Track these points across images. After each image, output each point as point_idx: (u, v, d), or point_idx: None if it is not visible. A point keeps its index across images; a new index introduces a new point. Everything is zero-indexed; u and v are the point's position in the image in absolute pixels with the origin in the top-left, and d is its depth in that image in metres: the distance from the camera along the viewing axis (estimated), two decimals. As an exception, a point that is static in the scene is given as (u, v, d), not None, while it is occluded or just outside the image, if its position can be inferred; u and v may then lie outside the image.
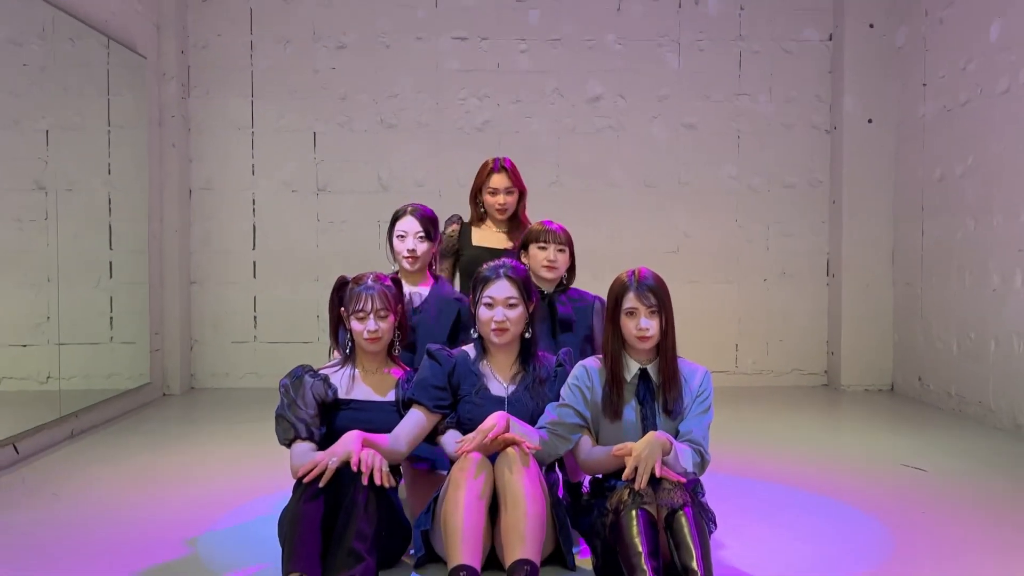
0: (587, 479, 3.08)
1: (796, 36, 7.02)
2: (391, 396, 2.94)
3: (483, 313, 2.89)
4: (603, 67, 7.01)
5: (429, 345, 3.00)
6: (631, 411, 2.77)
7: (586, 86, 7.00)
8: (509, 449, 2.63)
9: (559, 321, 3.39)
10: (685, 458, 2.69)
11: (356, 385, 2.94)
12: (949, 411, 5.94)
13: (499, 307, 2.86)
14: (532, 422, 2.84)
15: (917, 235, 6.47)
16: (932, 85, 6.26)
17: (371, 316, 2.87)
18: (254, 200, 6.94)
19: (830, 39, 6.99)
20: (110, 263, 5.97)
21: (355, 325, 2.89)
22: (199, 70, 6.91)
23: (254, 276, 6.96)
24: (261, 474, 4.24)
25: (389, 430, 2.86)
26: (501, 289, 2.88)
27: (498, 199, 3.86)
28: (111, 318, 5.93)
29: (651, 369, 2.81)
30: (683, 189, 7.05)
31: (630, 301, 2.77)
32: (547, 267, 3.38)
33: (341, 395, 2.89)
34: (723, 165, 7.05)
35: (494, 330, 2.86)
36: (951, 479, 4.14)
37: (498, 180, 3.87)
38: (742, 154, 7.05)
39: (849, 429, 5.59)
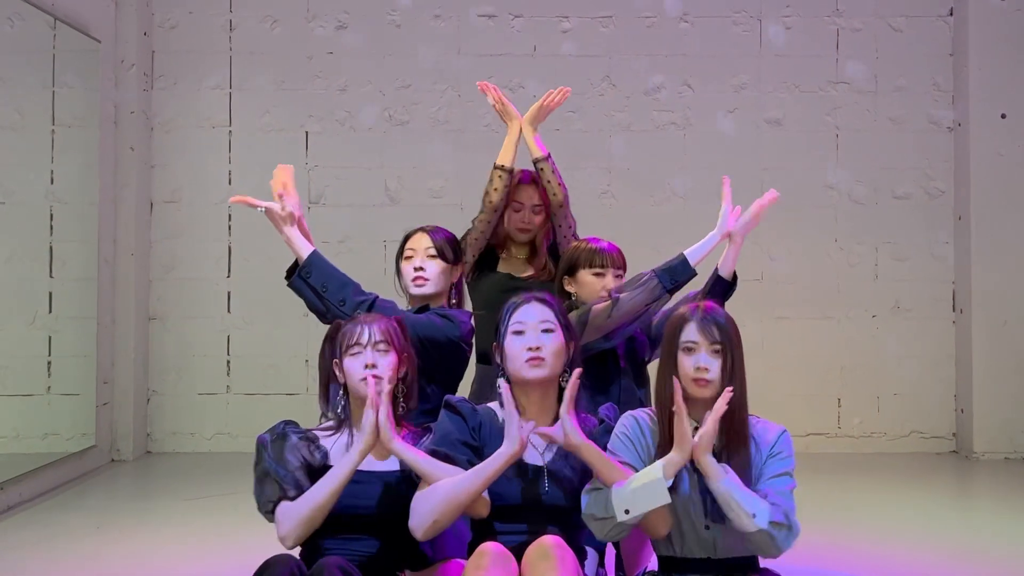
0: (647, 567, 2.96)
1: (908, 11, 7.03)
2: (390, 463, 2.82)
3: (512, 345, 2.82)
4: (665, 50, 7.01)
5: (448, 397, 2.94)
6: (686, 482, 2.69)
7: (644, 73, 7.00)
8: (542, 539, 2.54)
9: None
10: (754, 503, 2.58)
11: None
12: (1118, 486, 5.89)
13: (531, 332, 2.81)
14: (573, 497, 2.75)
15: (1070, 259, 6.43)
16: (1085, 69, 6.26)
17: (368, 349, 2.79)
18: (230, 216, 6.94)
19: (951, 14, 6.99)
20: (50, 294, 5.94)
21: (349, 365, 2.81)
22: (165, 56, 6.93)
23: (228, 310, 6.93)
24: (232, 564, 4.15)
25: (391, 507, 2.75)
26: (532, 311, 2.85)
27: (522, 216, 3.94)
28: (49, 363, 5.90)
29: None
30: None
31: (689, 333, 2.72)
32: (604, 298, 3.45)
33: (333, 462, 2.78)
34: (817, 171, 7.00)
35: (528, 361, 2.78)
36: None
37: (526, 194, 3.95)
38: (841, 157, 7.01)
39: (984, 509, 5.51)
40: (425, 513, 2.61)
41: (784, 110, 6.98)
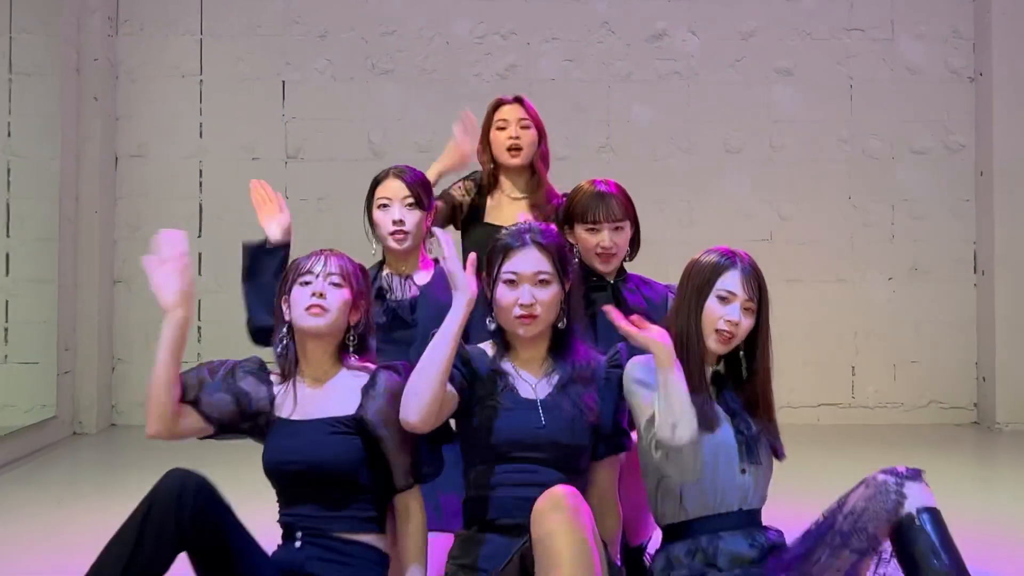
0: (652, 537, 2.96)
1: (927, -49, 7.11)
2: (337, 408, 2.65)
3: (503, 295, 2.73)
4: None
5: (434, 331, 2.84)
6: (726, 424, 2.72)
7: (646, 19, 6.97)
8: (554, 490, 2.43)
9: (630, 314, 3.28)
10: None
11: (297, 402, 2.69)
12: None
13: (525, 285, 2.71)
14: (571, 432, 2.72)
15: (1099, 217, 6.50)
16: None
17: (319, 278, 2.66)
18: (201, 171, 6.91)
19: (972, -46, 7.09)
20: (7, 255, 5.93)
21: (296, 295, 2.67)
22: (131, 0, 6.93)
23: (199, 273, 6.82)
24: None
25: (338, 457, 2.59)
26: (528, 260, 2.73)
27: (509, 132, 3.83)
28: (6, 329, 5.90)
29: (722, 370, 2.82)
30: (777, 156, 6.99)
31: (731, 283, 2.71)
32: (602, 256, 3.26)
33: (279, 413, 2.68)
34: (830, 124, 7.00)
35: (519, 317, 2.71)
36: None
37: (508, 111, 3.86)
38: (856, 109, 7.01)
39: (1008, 482, 5.50)
40: (408, 393, 2.58)
41: (795, 59, 6.98)
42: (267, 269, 3.29)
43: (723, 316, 2.67)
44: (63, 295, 6.31)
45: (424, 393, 2.53)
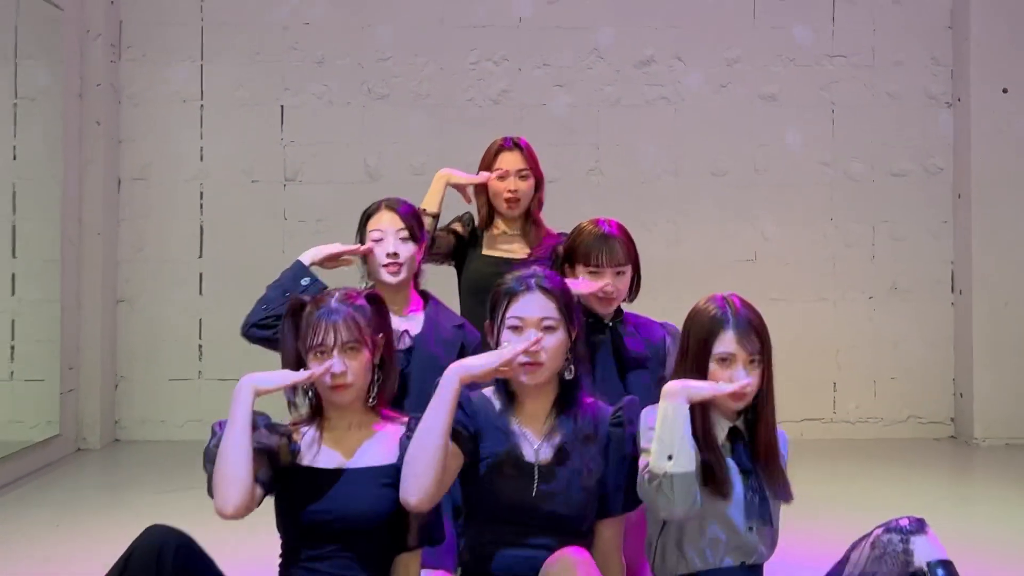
0: None
1: (906, -20, 7.04)
2: (376, 458, 2.61)
3: (508, 341, 2.63)
4: (656, 21, 6.97)
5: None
6: (738, 483, 2.62)
7: (634, 45, 6.96)
8: (564, 552, 2.40)
9: (630, 359, 3.22)
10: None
11: (323, 450, 2.62)
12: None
13: (531, 331, 2.60)
14: (567, 500, 2.60)
15: (1073, 238, 6.37)
16: (1091, 42, 6.21)
17: (334, 352, 2.57)
18: (202, 193, 6.89)
19: (950, -16, 7.03)
20: (12, 276, 5.92)
21: (315, 368, 2.58)
22: (134, 25, 6.86)
23: (200, 292, 6.88)
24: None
25: (372, 509, 2.55)
26: (533, 305, 2.63)
27: (507, 184, 3.79)
28: (12, 348, 5.87)
29: (741, 426, 2.68)
30: (761, 179, 6.99)
31: (727, 344, 2.58)
32: (603, 299, 3.22)
33: (304, 462, 2.59)
34: (813, 147, 7.00)
35: (524, 365, 2.58)
36: None
37: (509, 160, 3.82)
38: (837, 133, 7.01)
39: (985, 498, 5.47)
40: (406, 474, 2.46)
41: (779, 84, 6.95)
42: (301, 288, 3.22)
43: (730, 379, 2.55)
44: (67, 315, 6.26)
45: (422, 475, 2.43)
